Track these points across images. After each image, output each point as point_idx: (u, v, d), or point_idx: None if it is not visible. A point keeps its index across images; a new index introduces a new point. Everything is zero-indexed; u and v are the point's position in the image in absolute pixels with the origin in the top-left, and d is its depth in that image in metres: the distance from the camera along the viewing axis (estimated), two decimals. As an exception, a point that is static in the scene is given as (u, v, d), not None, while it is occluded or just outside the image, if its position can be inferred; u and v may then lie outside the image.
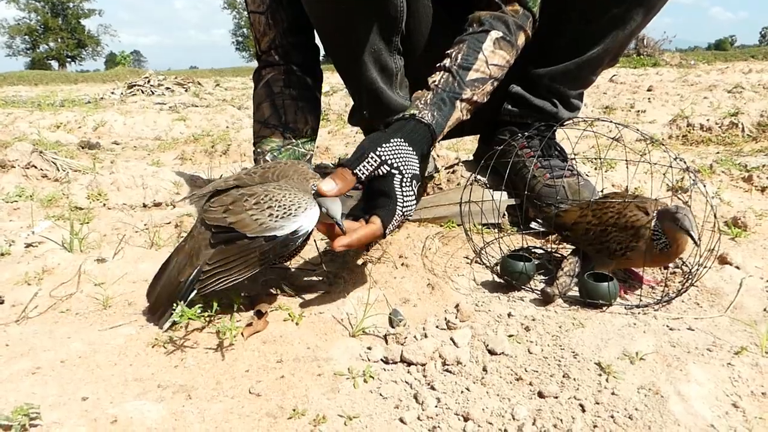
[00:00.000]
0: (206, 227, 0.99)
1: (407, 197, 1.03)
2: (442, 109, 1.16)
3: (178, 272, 0.99)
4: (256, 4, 1.41)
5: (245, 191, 1.00)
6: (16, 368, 0.85)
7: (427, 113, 1.14)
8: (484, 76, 1.22)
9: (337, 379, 0.85)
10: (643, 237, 1.03)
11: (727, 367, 0.81)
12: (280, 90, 1.44)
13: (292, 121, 1.43)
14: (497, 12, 1.25)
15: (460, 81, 1.19)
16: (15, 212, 1.70)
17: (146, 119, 4.36)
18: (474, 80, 1.20)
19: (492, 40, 1.23)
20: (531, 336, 0.92)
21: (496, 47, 1.23)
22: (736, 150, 2.51)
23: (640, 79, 7.45)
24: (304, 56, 1.48)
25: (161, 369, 0.87)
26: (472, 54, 1.22)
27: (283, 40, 1.44)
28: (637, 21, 1.36)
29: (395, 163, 1.02)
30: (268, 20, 1.42)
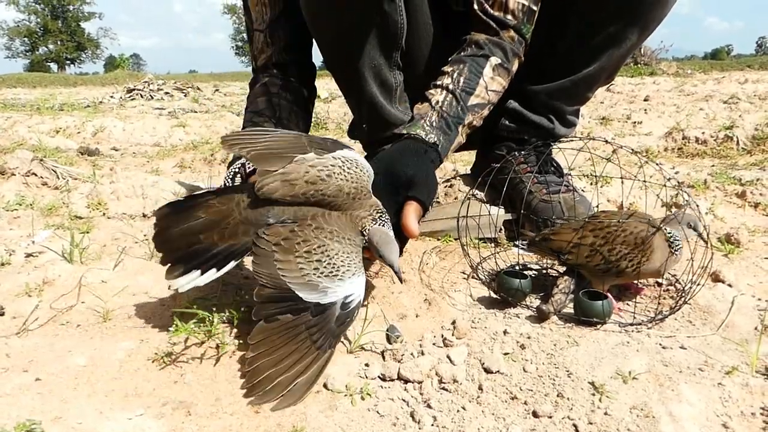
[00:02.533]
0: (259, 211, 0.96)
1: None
2: (447, 134, 1.20)
3: (217, 237, 0.94)
4: (257, 22, 1.43)
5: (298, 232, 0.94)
6: (17, 382, 0.86)
7: (434, 137, 1.18)
8: (483, 101, 1.25)
9: (335, 397, 0.86)
10: (659, 248, 1.05)
11: (718, 387, 0.82)
12: (278, 91, 1.45)
13: (286, 119, 1.44)
14: (494, 37, 1.29)
15: (463, 105, 1.23)
16: (15, 221, 1.71)
17: (145, 125, 4.37)
18: (475, 105, 1.24)
19: (491, 66, 1.27)
20: (526, 354, 0.94)
21: (494, 73, 1.27)
22: (731, 163, 2.53)
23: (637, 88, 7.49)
24: (300, 73, 1.50)
25: (161, 384, 0.88)
26: (474, 78, 1.25)
27: (280, 57, 1.47)
28: (632, 40, 1.38)
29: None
30: (267, 38, 1.44)
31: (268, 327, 0.87)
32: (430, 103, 1.23)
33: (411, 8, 1.33)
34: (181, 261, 0.94)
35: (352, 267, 0.92)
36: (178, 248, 0.95)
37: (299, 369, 0.84)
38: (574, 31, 1.39)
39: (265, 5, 1.42)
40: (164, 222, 0.97)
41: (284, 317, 0.87)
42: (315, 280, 0.89)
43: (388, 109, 1.43)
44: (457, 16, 1.45)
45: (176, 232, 0.96)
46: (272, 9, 1.42)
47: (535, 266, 1.34)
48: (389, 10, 1.26)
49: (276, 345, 0.86)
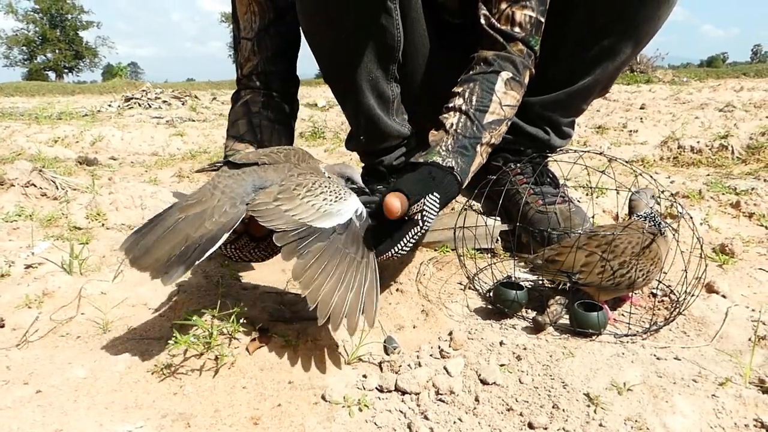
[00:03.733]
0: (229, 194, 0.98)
1: (406, 245, 1.07)
2: (465, 155, 1.17)
3: (191, 228, 0.92)
4: (246, 31, 1.43)
5: (288, 182, 1.00)
6: (18, 394, 0.87)
7: (450, 161, 1.15)
8: (499, 117, 1.23)
9: (333, 408, 0.87)
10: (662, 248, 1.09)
11: (712, 399, 0.83)
12: (258, 110, 1.44)
13: (267, 141, 1.41)
14: (503, 52, 1.27)
15: (479, 124, 1.20)
16: (14, 232, 1.72)
17: (143, 134, 4.39)
18: (491, 122, 1.21)
19: (503, 81, 1.24)
20: (522, 365, 0.95)
21: (507, 88, 1.24)
22: (726, 173, 2.56)
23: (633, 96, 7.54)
24: (283, 85, 1.49)
25: (161, 396, 0.89)
26: (486, 96, 1.22)
27: (266, 67, 1.45)
28: (626, 53, 1.40)
29: (425, 216, 1.06)
30: (254, 47, 1.43)
31: (306, 261, 0.91)
32: (444, 128, 1.20)
33: (407, 22, 1.34)
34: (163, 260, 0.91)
35: (344, 190, 1.03)
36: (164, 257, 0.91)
37: (359, 281, 0.93)
38: (568, 44, 1.41)
39: (255, 14, 1.42)
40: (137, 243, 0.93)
41: (315, 247, 0.93)
42: (329, 209, 0.98)
43: (386, 120, 1.44)
44: (452, 27, 1.47)
45: (157, 244, 0.92)
46: (261, 18, 1.42)
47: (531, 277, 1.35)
48: (386, 24, 1.27)
49: (325, 272, 0.91)
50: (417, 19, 1.38)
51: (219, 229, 0.93)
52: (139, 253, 0.90)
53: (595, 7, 1.35)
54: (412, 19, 1.36)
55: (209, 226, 0.92)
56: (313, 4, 1.27)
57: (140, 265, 0.90)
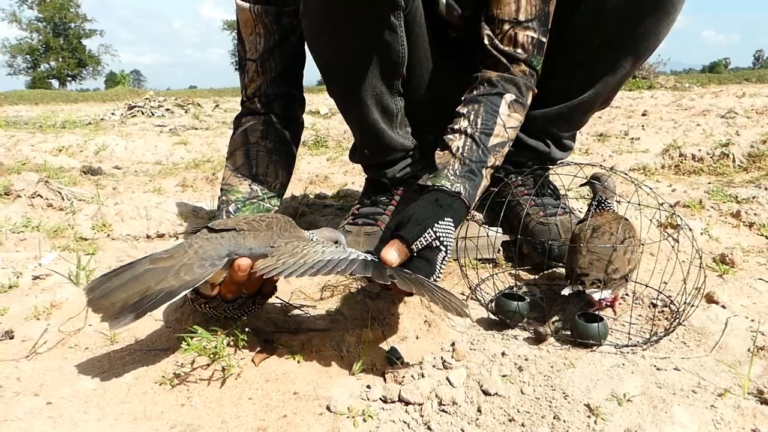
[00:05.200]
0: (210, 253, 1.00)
1: (440, 271, 1.12)
2: (472, 180, 1.19)
3: (154, 280, 0.94)
4: (251, 52, 1.44)
5: (281, 247, 1.03)
6: (29, 406, 0.89)
7: (459, 185, 1.17)
8: (503, 140, 1.25)
9: (338, 419, 0.89)
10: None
11: (711, 410, 0.84)
12: (257, 140, 1.44)
13: (263, 174, 1.42)
14: (506, 73, 1.29)
15: (484, 148, 1.22)
16: (22, 243, 1.74)
17: (147, 143, 4.42)
18: (495, 145, 1.24)
19: (506, 103, 1.26)
20: (524, 376, 0.96)
21: (511, 110, 1.27)
22: (727, 181, 2.57)
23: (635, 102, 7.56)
24: (286, 108, 1.49)
25: (169, 407, 0.90)
26: (491, 119, 1.24)
27: (269, 89, 1.46)
28: (627, 68, 1.42)
29: (445, 241, 1.10)
30: (258, 68, 1.45)
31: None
32: (451, 151, 1.22)
33: (412, 38, 1.36)
34: (118, 307, 0.92)
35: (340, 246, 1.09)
36: (120, 303, 0.93)
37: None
38: (569, 59, 1.43)
39: (260, 35, 1.44)
40: (101, 285, 0.95)
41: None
42: (335, 252, 1.02)
43: (390, 134, 1.46)
44: (455, 42, 1.49)
45: (118, 289, 0.94)
46: (266, 40, 1.44)
47: (533, 288, 1.36)
48: (391, 41, 1.29)
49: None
50: (421, 35, 1.40)
51: (180, 286, 0.95)
52: (98, 295, 0.93)
53: (595, 23, 1.37)
54: (416, 35, 1.38)
55: (171, 281, 0.95)
56: (318, 24, 1.29)
57: (95, 306, 0.93)
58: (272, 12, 1.41)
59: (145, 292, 0.93)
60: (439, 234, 1.09)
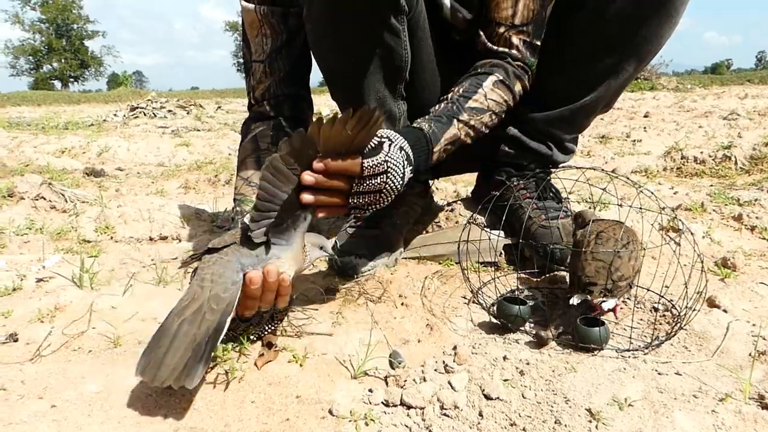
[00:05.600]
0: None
1: (393, 153, 1.08)
2: (439, 122, 1.25)
3: (195, 327, 0.92)
4: (257, 53, 1.45)
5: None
6: (33, 409, 0.89)
7: (425, 124, 1.24)
8: (482, 106, 1.30)
9: (340, 422, 0.89)
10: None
11: (712, 415, 0.85)
12: (267, 147, 1.44)
13: None
14: (497, 60, 1.37)
15: (459, 106, 1.28)
16: (25, 245, 1.75)
17: (149, 144, 4.43)
18: (472, 108, 1.29)
19: (492, 81, 1.34)
20: (525, 380, 0.96)
21: (495, 87, 1.33)
22: (729, 183, 2.57)
23: (637, 104, 7.57)
24: (295, 109, 1.50)
25: (172, 411, 0.91)
26: (473, 88, 1.32)
27: (278, 90, 1.47)
28: (629, 71, 1.42)
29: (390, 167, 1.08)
30: (266, 68, 1.45)
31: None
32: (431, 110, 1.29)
33: (415, 41, 1.37)
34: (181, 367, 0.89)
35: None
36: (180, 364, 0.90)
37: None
38: (572, 62, 1.44)
39: (267, 36, 1.44)
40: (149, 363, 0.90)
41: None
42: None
43: None
44: (457, 45, 1.49)
45: (168, 355, 0.90)
46: (274, 40, 1.44)
47: (534, 291, 1.36)
48: (394, 45, 1.30)
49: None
50: (424, 38, 1.41)
51: (221, 316, 0.94)
52: (154, 372, 0.88)
53: (597, 25, 1.37)
54: (420, 39, 1.39)
55: (210, 317, 0.93)
56: (321, 27, 1.29)
57: (161, 381, 0.87)
58: (278, 12, 1.42)
59: (194, 341, 0.90)
60: (389, 166, 1.07)
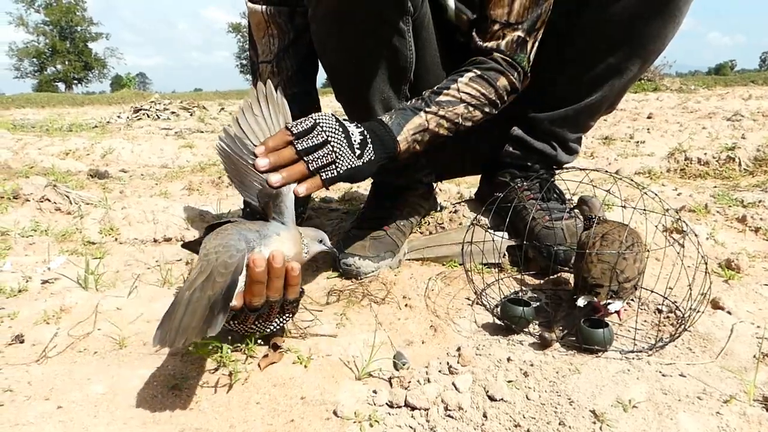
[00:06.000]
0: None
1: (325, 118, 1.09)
2: (403, 115, 1.24)
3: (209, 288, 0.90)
4: (264, 54, 1.46)
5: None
6: (40, 410, 0.90)
7: (386, 116, 1.23)
8: (453, 99, 1.28)
9: (345, 423, 0.89)
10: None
11: (716, 416, 0.85)
12: None
13: None
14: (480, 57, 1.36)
15: (427, 100, 1.27)
16: (30, 247, 1.76)
17: (153, 146, 4.44)
18: (442, 101, 1.27)
19: (468, 77, 1.32)
20: (529, 382, 0.96)
21: (471, 81, 1.31)
22: (733, 185, 2.56)
23: (640, 105, 7.55)
24: (302, 107, 1.48)
25: (178, 411, 0.91)
26: (446, 84, 1.31)
27: (286, 88, 1.47)
28: (633, 71, 1.42)
29: (325, 126, 1.09)
30: (273, 68, 1.46)
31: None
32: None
33: (420, 43, 1.37)
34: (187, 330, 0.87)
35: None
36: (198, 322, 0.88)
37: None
38: (575, 62, 1.44)
39: (273, 36, 1.44)
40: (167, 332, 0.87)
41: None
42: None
43: None
44: (462, 46, 1.50)
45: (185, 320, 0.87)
46: (281, 40, 1.45)
47: (538, 293, 1.37)
48: (399, 46, 1.30)
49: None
50: (429, 40, 1.41)
51: (232, 275, 0.92)
52: (173, 335, 0.84)
53: (600, 26, 1.37)
54: (424, 40, 1.39)
55: (221, 280, 0.91)
56: (326, 28, 1.30)
57: (182, 340, 0.84)
58: (285, 12, 1.42)
59: (209, 302, 0.87)
60: (320, 121, 1.07)
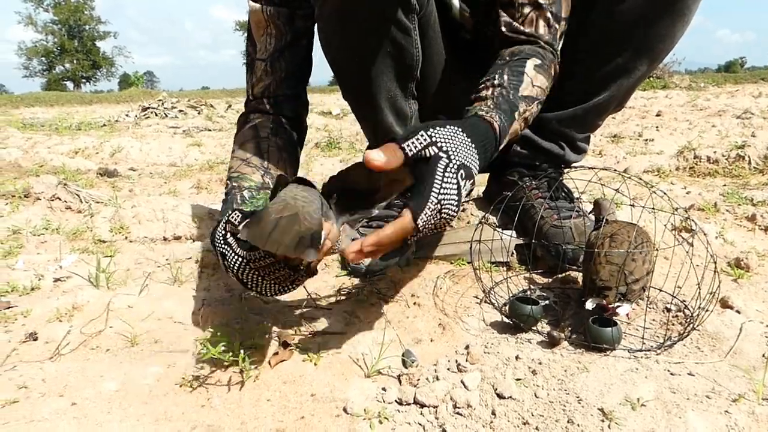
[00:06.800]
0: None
1: (447, 185, 0.89)
2: (507, 114, 1.10)
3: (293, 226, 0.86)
4: (261, 52, 1.43)
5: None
6: (54, 406, 0.91)
7: (494, 114, 1.05)
8: (532, 95, 1.19)
9: (354, 420, 0.90)
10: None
11: (725, 415, 0.85)
12: (267, 135, 1.41)
13: (274, 168, 1.36)
14: (526, 45, 1.26)
15: (515, 95, 1.15)
16: (42, 245, 1.78)
17: (161, 144, 4.46)
18: (525, 96, 1.16)
19: (532, 65, 1.21)
20: (537, 380, 0.97)
21: (537, 71, 1.21)
22: (743, 183, 2.55)
23: (649, 103, 7.52)
24: (294, 110, 1.49)
25: (189, 408, 0.92)
26: (517, 76, 1.18)
27: (278, 89, 1.45)
28: (641, 70, 1.42)
29: (444, 146, 0.91)
30: (267, 67, 1.44)
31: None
32: (481, 98, 1.13)
33: (425, 41, 1.37)
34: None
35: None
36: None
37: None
38: (583, 61, 1.44)
39: (271, 35, 1.43)
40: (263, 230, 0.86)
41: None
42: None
43: None
44: (467, 44, 1.50)
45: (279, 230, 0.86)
46: (278, 40, 1.43)
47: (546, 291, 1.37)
48: (405, 45, 1.30)
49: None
50: (435, 37, 1.41)
51: (317, 225, 0.87)
52: (265, 239, 0.84)
53: (609, 25, 1.37)
54: (430, 38, 1.39)
55: (307, 224, 0.86)
56: (331, 26, 1.30)
57: (271, 247, 0.84)
58: (285, 14, 1.41)
59: (299, 233, 0.85)
60: (436, 138, 0.91)
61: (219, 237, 1.01)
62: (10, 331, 1.19)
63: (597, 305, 1.11)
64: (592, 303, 1.10)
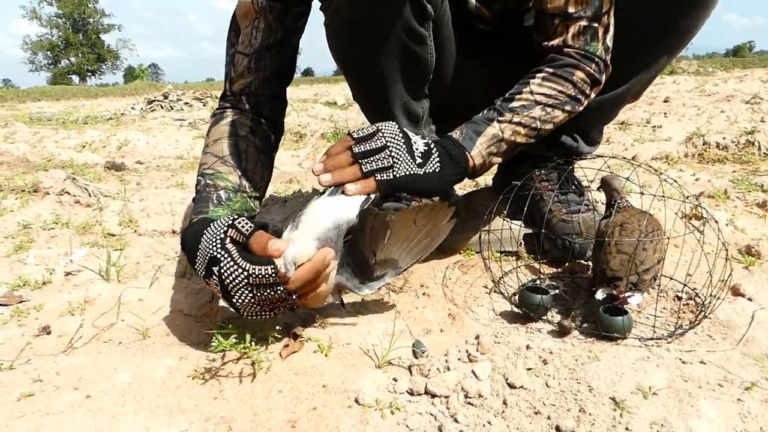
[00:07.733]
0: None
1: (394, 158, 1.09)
2: (473, 128, 1.21)
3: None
4: (244, 45, 1.32)
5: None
6: (69, 399, 0.92)
7: (456, 132, 1.21)
8: (528, 102, 1.22)
9: (366, 411, 0.91)
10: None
11: (737, 403, 0.85)
12: (246, 135, 1.31)
13: (251, 171, 1.28)
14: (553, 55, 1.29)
15: (500, 109, 1.22)
16: (52, 240, 1.79)
17: (168, 137, 4.48)
18: (515, 107, 1.22)
19: (540, 77, 1.24)
20: (548, 369, 0.97)
21: (544, 81, 1.24)
22: (753, 169, 2.53)
23: (656, 89, 7.44)
24: (273, 111, 1.39)
25: (202, 400, 0.93)
26: (517, 89, 1.25)
27: (260, 89, 1.34)
28: (661, 63, 1.41)
29: (387, 134, 1.11)
30: (251, 64, 1.32)
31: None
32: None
33: (439, 39, 1.34)
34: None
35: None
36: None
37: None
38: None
39: (258, 29, 1.31)
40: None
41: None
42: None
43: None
44: (483, 35, 1.47)
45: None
46: (265, 36, 1.31)
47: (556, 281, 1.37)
48: (420, 52, 1.28)
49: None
50: (448, 36, 1.39)
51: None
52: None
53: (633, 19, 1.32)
54: (443, 37, 1.37)
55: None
56: (344, 37, 1.27)
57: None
58: (278, 9, 1.30)
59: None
60: (382, 128, 1.11)
61: (211, 239, 0.99)
62: (23, 325, 1.20)
63: (607, 294, 1.11)
64: (603, 293, 1.10)
